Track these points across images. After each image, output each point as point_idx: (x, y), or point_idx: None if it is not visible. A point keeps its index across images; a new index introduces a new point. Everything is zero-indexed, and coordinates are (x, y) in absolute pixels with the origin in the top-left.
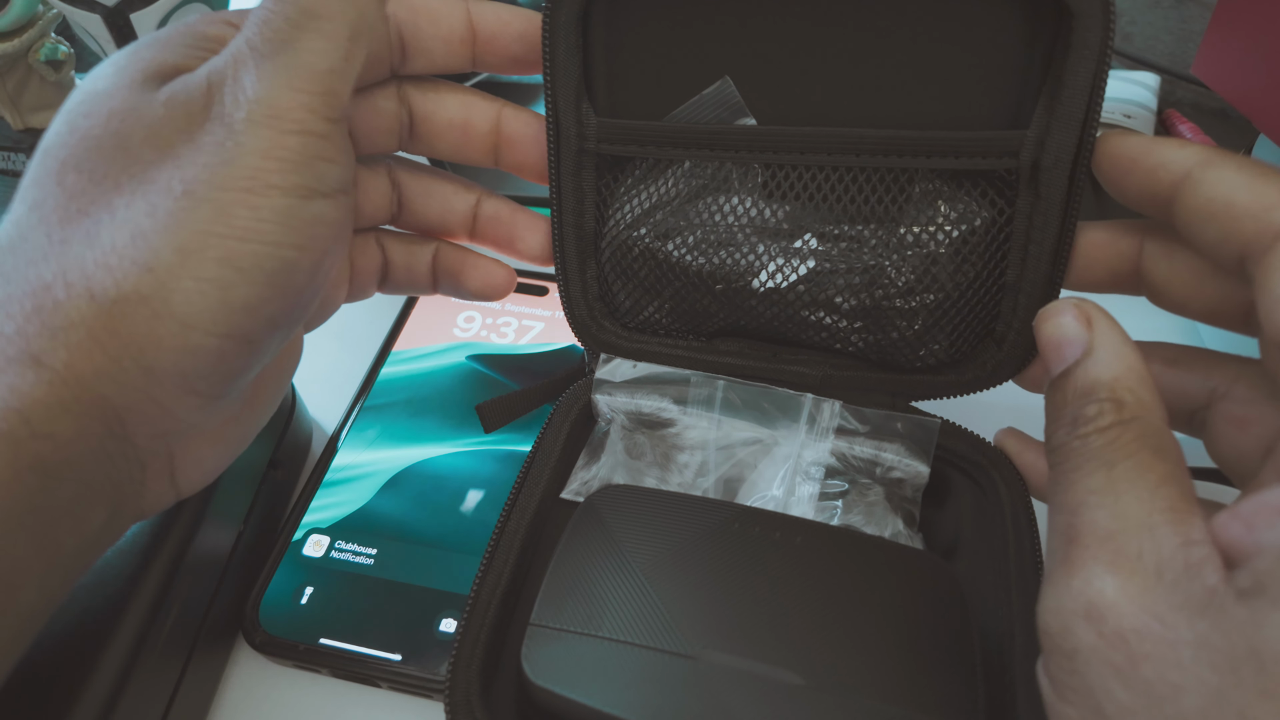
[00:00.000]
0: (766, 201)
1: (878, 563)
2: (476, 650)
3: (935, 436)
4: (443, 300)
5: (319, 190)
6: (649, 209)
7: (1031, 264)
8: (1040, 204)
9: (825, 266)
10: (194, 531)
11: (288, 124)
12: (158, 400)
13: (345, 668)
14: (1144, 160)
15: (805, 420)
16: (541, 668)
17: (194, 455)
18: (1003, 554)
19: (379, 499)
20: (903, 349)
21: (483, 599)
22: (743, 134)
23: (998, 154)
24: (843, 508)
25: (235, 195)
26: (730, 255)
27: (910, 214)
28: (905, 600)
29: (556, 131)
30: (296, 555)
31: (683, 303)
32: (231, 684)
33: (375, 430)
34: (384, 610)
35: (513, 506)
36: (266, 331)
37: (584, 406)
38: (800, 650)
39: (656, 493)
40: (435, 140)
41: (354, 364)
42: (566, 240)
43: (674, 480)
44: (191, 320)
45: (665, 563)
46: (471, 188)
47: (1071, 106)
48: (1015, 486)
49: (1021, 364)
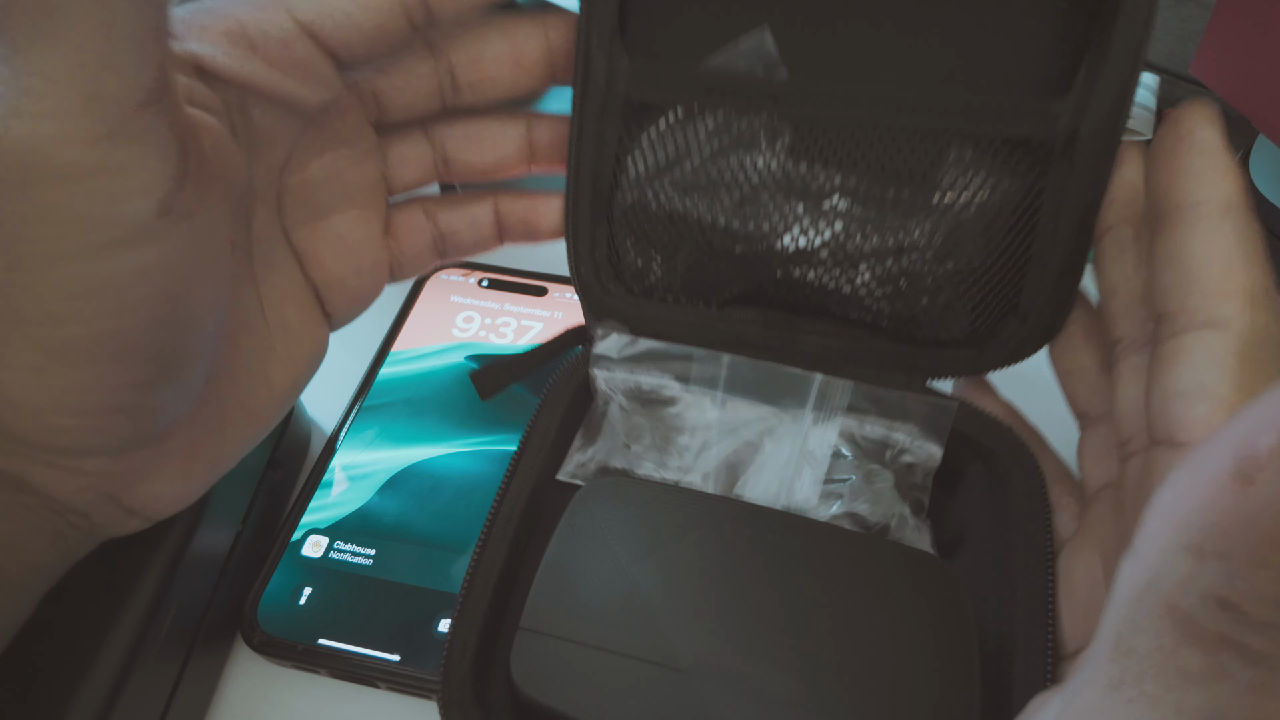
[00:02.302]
0: (795, 161)
1: (879, 568)
2: (469, 645)
3: (951, 418)
4: (442, 301)
5: (123, 238)
6: (671, 162)
7: (1061, 236)
8: (1074, 174)
9: (853, 229)
10: (192, 532)
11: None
12: (54, 465)
13: (344, 668)
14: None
15: (814, 401)
16: (530, 675)
17: (148, 491)
18: (1010, 551)
19: (378, 499)
20: (925, 320)
21: (476, 590)
22: (783, 87)
23: (1035, 121)
24: (848, 494)
25: (23, 277)
26: (754, 214)
27: (943, 180)
28: (906, 609)
29: (585, 71)
30: (295, 555)
31: (697, 265)
32: (230, 684)
33: (374, 430)
34: (383, 611)
35: (507, 488)
36: (136, 396)
37: (581, 383)
38: (795, 663)
39: (651, 485)
40: (487, 82)
41: (353, 364)
42: (580, 191)
43: (673, 464)
44: (33, 406)
45: (658, 566)
46: (517, 116)
47: (1114, 75)
48: (1031, 478)
49: (1044, 340)
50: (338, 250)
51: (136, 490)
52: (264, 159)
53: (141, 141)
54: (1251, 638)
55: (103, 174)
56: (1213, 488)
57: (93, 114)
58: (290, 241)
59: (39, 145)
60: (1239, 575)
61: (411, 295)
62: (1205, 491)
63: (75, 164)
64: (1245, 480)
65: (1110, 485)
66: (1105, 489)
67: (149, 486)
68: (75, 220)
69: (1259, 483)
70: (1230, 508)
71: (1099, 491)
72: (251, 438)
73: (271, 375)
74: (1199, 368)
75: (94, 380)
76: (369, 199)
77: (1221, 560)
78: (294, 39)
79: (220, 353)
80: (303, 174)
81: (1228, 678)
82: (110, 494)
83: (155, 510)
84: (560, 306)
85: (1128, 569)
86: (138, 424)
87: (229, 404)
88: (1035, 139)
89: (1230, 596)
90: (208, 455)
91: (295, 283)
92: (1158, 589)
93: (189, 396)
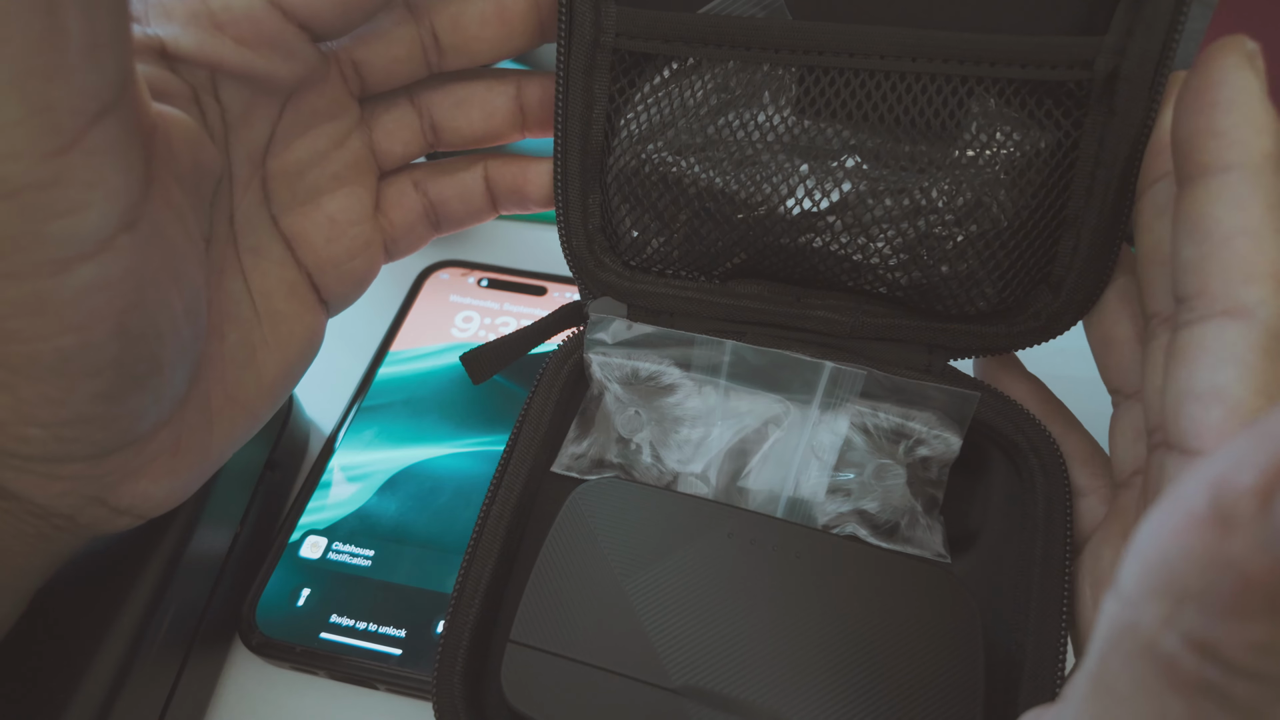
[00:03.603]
0: (801, 115)
1: (885, 583)
2: (461, 647)
3: (973, 409)
4: (441, 301)
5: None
6: (667, 121)
7: (1098, 194)
8: (1114, 121)
9: (865, 190)
10: (190, 533)
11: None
12: (31, 472)
13: (343, 669)
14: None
15: (823, 389)
16: (520, 690)
17: (134, 491)
18: (1028, 556)
19: (377, 500)
20: (947, 291)
21: (468, 592)
22: (786, 31)
23: (1069, 63)
24: (857, 490)
25: None
26: (757, 176)
27: (966, 133)
28: (910, 629)
29: (570, 20)
30: (294, 556)
31: (697, 234)
32: (228, 686)
33: (373, 431)
34: (381, 612)
35: (500, 482)
36: (104, 406)
37: (575, 366)
38: (789, 687)
39: (646, 491)
40: (472, 43)
41: (351, 364)
42: (570, 156)
43: (671, 459)
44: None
45: (652, 580)
46: (506, 76)
47: (1160, 7)
48: (1055, 477)
49: (1080, 313)
50: (328, 232)
51: (122, 490)
52: (241, 143)
53: (99, 154)
54: (1234, 685)
55: (56, 188)
56: (1189, 528)
57: (42, 127)
58: (278, 227)
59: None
60: (1220, 620)
61: (410, 295)
62: (1182, 531)
63: (24, 179)
64: (1222, 521)
65: (1141, 471)
66: (1136, 475)
67: (135, 486)
68: (27, 236)
69: (1237, 524)
70: (1207, 550)
71: (1131, 477)
72: (243, 431)
73: (262, 366)
74: (1216, 365)
75: (59, 394)
76: (357, 176)
77: (1201, 604)
78: (261, 13)
79: (203, 349)
80: (286, 155)
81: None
82: (94, 496)
83: (145, 508)
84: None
85: (1110, 606)
86: (111, 431)
87: (216, 398)
88: (1069, 84)
89: (1211, 641)
90: (196, 451)
91: (286, 269)
92: (1137, 629)
93: (168, 399)
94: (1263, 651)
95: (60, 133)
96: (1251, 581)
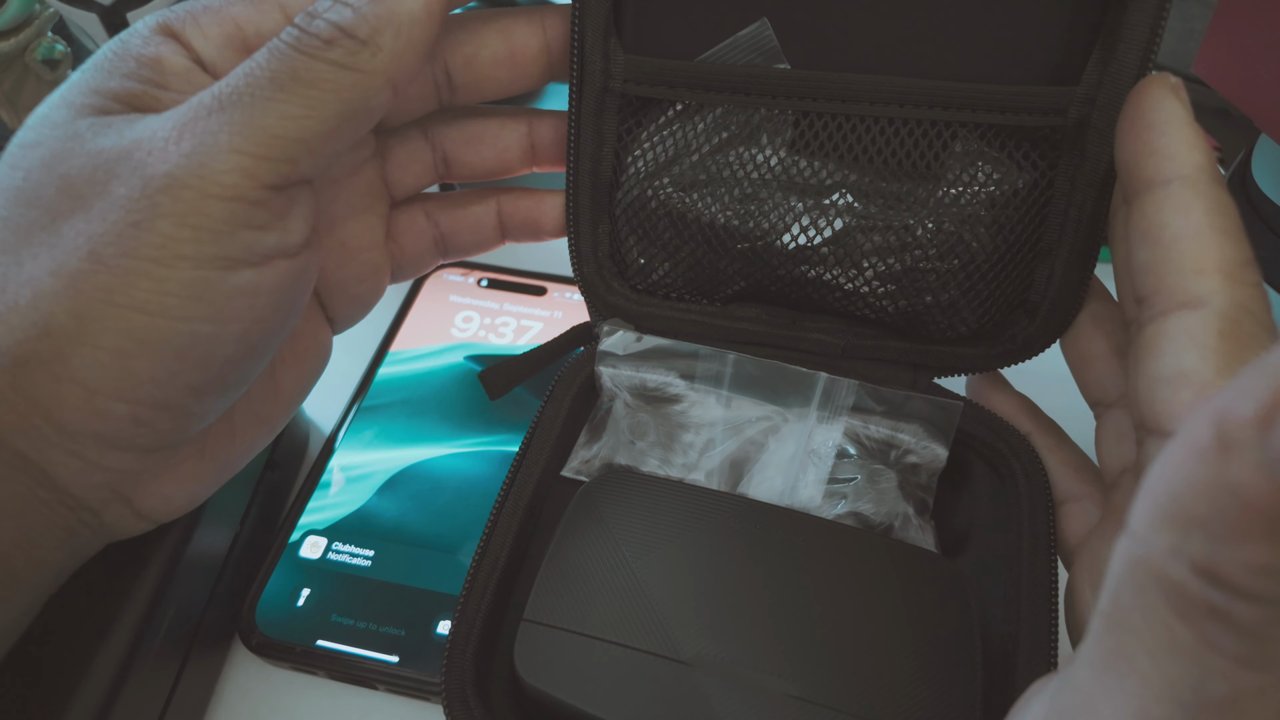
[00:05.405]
0: (797, 155)
1: (882, 564)
2: (471, 637)
3: (956, 419)
4: (441, 300)
5: (245, 260)
6: (671, 159)
7: (1071, 229)
8: (1085, 165)
9: (856, 226)
10: (190, 533)
11: (214, 186)
12: (81, 456)
13: (342, 670)
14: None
15: (818, 400)
16: (533, 666)
17: (158, 493)
18: (1015, 551)
19: (376, 500)
20: (931, 318)
21: (479, 582)
22: (783, 78)
23: (1045, 110)
24: (852, 493)
25: (140, 264)
26: (756, 211)
27: (949, 173)
28: (908, 605)
29: (581, 67)
30: (293, 557)
31: (700, 263)
32: (228, 686)
33: (373, 431)
34: (382, 612)
35: (512, 483)
36: (189, 399)
37: (586, 379)
38: (797, 658)
39: (655, 480)
40: (484, 81)
41: (351, 364)
42: (581, 190)
43: (677, 461)
44: (94, 386)
45: (662, 560)
46: (518, 115)
47: (1126, 63)
48: (1036, 478)
49: (1054, 336)
50: (340, 257)
51: (149, 490)
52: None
53: (288, 203)
54: (1238, 609)
55: (260, 209)
56: (1194, 458)
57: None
58: None
59: (217, 164)
60: (1223, 544)
61: (410, 295)
62: (1187, 462)
63: (238, 192)
64: (1224, 449)
65: (1129, 470)
66: (1125, 474)
67: (160, 488)
68: (214, 234)
69: (1237, 450)
70: (1211, 477)
71: (1119, 477)
72: (259, 442)
73: (280, 381)
74: (1180, 352)
75: (166, 374)
76: (371, 204)
77: (1206, 530)
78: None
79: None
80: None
81: (1214, 650)
82: (124, 493)
83: (162, 513)
84: (560, 306)
85: (1121, 546)
86: (177, 424)
87: (241, 410)
88: (1044, 130)
89: (1215, 566)
90: (218, 459)
91: None
92: (1148, 562)
93: (224, 408)
94: (1263, 574)
95: (284, 176)
96: (1251, 505)
